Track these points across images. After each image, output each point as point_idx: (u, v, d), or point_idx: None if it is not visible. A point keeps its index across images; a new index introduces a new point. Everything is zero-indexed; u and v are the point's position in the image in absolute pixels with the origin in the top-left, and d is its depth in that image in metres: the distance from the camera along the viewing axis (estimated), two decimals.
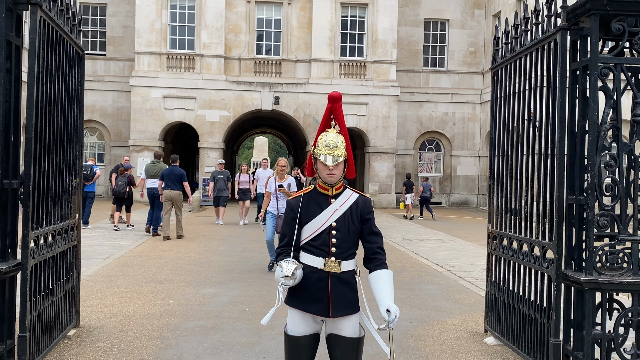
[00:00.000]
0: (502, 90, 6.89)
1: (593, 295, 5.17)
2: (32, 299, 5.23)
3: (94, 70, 31.47)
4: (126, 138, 30.77)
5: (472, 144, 33.64)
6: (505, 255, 6.57)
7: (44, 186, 5.56)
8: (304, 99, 29.88)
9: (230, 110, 29.67)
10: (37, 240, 5.35)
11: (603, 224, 5.20)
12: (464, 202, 33.84)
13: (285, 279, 3.65)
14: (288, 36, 30.27)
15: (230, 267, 11.53)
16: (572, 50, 5.48)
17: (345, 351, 3.86)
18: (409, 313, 8.08)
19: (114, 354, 6.00)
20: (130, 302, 8.27)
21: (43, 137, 5.48)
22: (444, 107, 33.46)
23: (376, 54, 30.22)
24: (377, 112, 30.21)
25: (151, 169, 17.07)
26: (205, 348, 6.31)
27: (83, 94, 6.81)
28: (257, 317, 7.44)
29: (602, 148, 5.18)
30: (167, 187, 15.64)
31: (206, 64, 29.55)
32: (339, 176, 3.92)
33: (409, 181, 25.93)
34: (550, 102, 5.61)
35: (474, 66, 33.51)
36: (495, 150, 7.02)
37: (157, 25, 29.22)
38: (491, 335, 6.91)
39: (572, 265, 5.41)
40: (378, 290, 3.77)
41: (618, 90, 5.23)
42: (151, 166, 17.24)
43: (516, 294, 6.27)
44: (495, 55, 7.06)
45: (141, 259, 12.20)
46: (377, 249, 3.93)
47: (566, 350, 5.43)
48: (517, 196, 6.39)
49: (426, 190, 25.59)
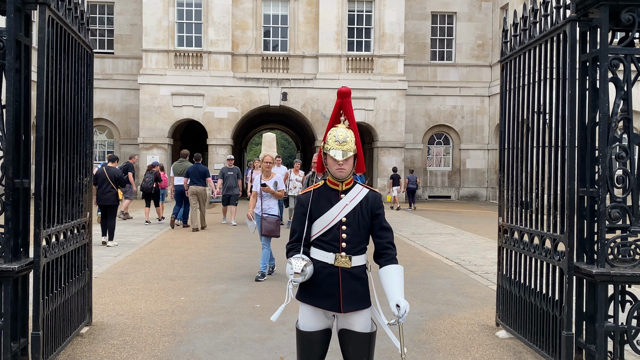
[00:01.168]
0: (511, 83, 6.86)
1: (605, 288, 5.15)
2: (45, 298, 5.27)
3: (103, 68, 31.55)
4: (135, 136, 30.85)
5: (480, 137, 33.53)
6: (517, 249, 6.55)
7: (55, 185, 5.58)
8: (311, 94, 29.86)
9: (238, 107, 29.69)
10: (48, 239, 5.38)
11: (615, 216, 5.17)
12: (474, 195, 33.75)
13: (294, 276, 3.66)
14: (295, 32, 30.24)
15: (241, 263, 11.56)
16: (581, 42, 5.45)
17: (357, 346, 3.86)
18: (419, 307, 8.07)
19: (126, 351, 6.03)
20: (142, 299, 8.31)
21: (53, 136, 5.50)
22: (452, 101, 33.35)
23: (383, 48, 30.14)
24: (385, 107, 30.16)
25: (178, 168, 18.14)
26: (218, 344, 6.33)
27: (92, 92, 6.83)
28: (268, 313, 7.45)
29: (613, 140, 5.15)
30: (192, 183, 16.94)
31: (214, 60, 29.57)
32: (349, 171, 3.92)
33: (396, 174, 27.00)
34: (560, 94, 5.58)
35: (482, 59, 33.37)
36: (505, 143, 7.00)
37: (164, 22, 29.26)
38: (503, 328, 6.90)
39: (584, 257, 5.39)
40: (388, 285, 3.77)
41: (628, 81, 5.19)
42: (178, 165, 18.27)
43: (528, 287, 6.25)
44: (503, 47, 7.03)
45: (152, 256, 12.24)
46: (387, 244, 3.92)
47: (579, 343, 5.41)
48: (528, 189, 6.37)
49: (412, 182, 26.98)
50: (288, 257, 3.85)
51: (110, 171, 13.89)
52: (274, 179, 10.18)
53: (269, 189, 9.97)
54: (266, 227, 9.87)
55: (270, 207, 10.02)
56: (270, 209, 10.01)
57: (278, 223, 9.91)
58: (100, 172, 13.81)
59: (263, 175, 10.26)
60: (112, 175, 13.86)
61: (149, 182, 18.70)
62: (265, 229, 9.87)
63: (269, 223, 9.84)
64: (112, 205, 13.82)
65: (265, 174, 10.26)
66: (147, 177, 18.89)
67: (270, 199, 10.07)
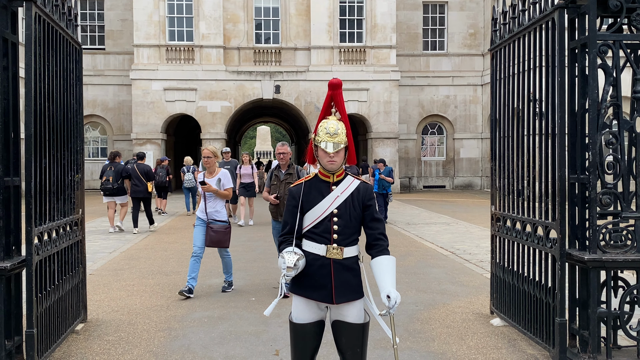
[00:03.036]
0: (501, 72, 6.86)
1: (597, 274, 5.18)
2: (38, 295, 5.25)
3: (94, 64, 31.45)
4: (128, 132, 30.79)
5: (474, 126, 33.57)
6: (509, 237, 6.57)
7: (45, 182, 5.57)
8: (304, 86, 29.83)
9: (231, 101, 29.64)
10: (40, 237, 5.36)
11: (606, 202, 5.20)
12: (468, 184, 33.81)
13: (287, 270, 3.66)
14: (287, 24, 30.16)
15: (236, 257, 11.51)
16: (570, 29, 5.45)
17: (350, 337, 3.87)
18: (414, 297, 8.10)
19: (122, 347, 6.03)
20: (137, 295, 8.31)
21: (43, 133, 5.48)
22: (445, 90, 33.36)
23: (375, 39, 30.09)
24: (378, 98, 30.14)
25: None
26: (213, 338, 6.34)
27: (82, 89, 6.81)
28: (263, 306, 7.46)
29: (603, 126, 5.17)
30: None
31: (205, 54, 29.49)
32: (340, 163, 3.91)
33: (364, 163, 26.75)
34: (549, 81, 5.58)
35: (474, 48, 33.36)
36: (497, 132, 7.01)
37: (155, 17, 29.15)
38: (497, 316, 6.93)
39: (576, 244, 5.42)
40: (379, 276, 3.77)
41: (617, 68, 5.21)
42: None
43: (521, 275, 6.27)
44: (493, 36, 7.03)
45: (147, 251, 12.23)
46: (379, 235, 3.92)
47: (572, 329, 5.44)
48: (520, 177, 6.38)
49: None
50: (280, 250, 3.86)
51: (140, 167, 15.73)
52: (217, 176, 8.57)
53: (209, 187, 8.34)
54: (212, 237, 8.27)
55: (217, 210, 8.42)
56: (217, 214, 8.40)
57: (228, 231, 8.38)
58: (132, 169, 15.65)
59: (206, 172, 8.72)
60: (142, 171, 15.78)
61: (162, 176, 19.74)
62: (210, 240, 8.28)
63: (215, 232, 8.27)
64: (145, 197, 15.99)
65: (209, 171, 8.69)
66: (160, 172, 19.79)
67: (215, 200, 8.46)
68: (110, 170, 15.32)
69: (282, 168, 8.61)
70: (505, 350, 5.93)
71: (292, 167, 8.60)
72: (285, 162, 8.57)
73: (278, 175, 8.57)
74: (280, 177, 8.54)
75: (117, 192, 15.32)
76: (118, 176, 15.22)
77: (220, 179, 8.53)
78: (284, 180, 8.46)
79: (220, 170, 8.64)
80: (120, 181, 15.29)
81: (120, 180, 15.29)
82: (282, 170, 8.59)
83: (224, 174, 8.58)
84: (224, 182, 8.53)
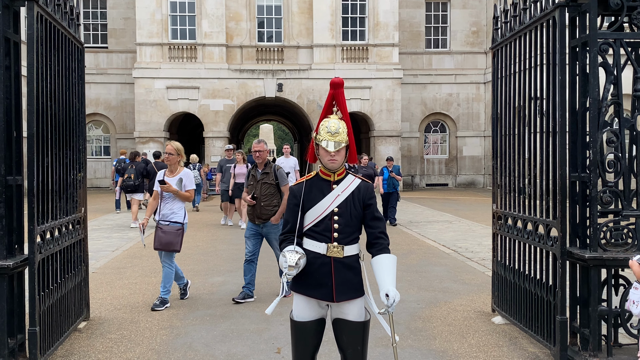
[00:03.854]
0: (503, 70, 6.87)
1: (598, 272, 5.19)
2: (41, 294, 5.28)
3: (97, 63, 31.48)
4: (131, 130, 30.81)
5: (477, 124, 33.53)
6: (510, 235, 6.58)
7: (48, 181, 5.59)
8: (307, 85, 29.82)
9: (234, 99, 29.65)
10: (43, 235, 5.39)
11: (606, 200, 5.20)
12: (471, 182, 33.79)
13: (289, 269, 3.68)
14: (289, 22, 30.15)
15: (238, 255, 11.55)
16: (571, 27, 5.46)
17: (351, 335, 3.89)
18: (416, 295, 8.11)
19: (124, 345, 6.06)
20: (140, 293, 8.33)
21: (45, 132, 5.50)
22: (448, 88, 33.32)
23: (378, 37, 30.06)
24: (380, 96, 30.11)
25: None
26: (215, 336, 6.36)
27: (84, 87, 6.84)
28: (265, 305, 7.47)
29: (604, 124, 5.18)
30: None
31: (208, 53, 29.50)
32: (341, 162, 3.93)
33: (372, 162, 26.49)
34: (550, 80, 5.59)
35: (476, 46, 33.31)
36: (498, 130, 7.01)
37: (157, 16, 29.16)
38: (499, 314, 6.94)
39: (577, 242, 5.43)
40: (379, 274, 3.79)
41: (618, 66, 5.21)
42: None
43: (522, 273, 6.28)
44: (494, 34, 7.03)
45: (150, 250, 12.18)
46: (379, 233, 3.94)
47: (573, 327, 5.45)
48: (521, 175, 6.39)
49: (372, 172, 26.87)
50: (281, 248, 3.87)
51: (158, 165, 16.34)
52: (179, 176, 7.77)
53: (169, 187, 7.59)
54: (160, 238, 7.50)
55: (173, 211, 7.68)
56: (173, 215, 7.68)
57: (179, 233, 7.58)
58: (151, 168, 16.56)
59: (167, 170, 7.91)
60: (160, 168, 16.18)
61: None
62: (159, 242, 7.50)
63: (165, 233, 7.50)
64: None
65: (170, 169, 7.88)
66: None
67: (174, 201, 7.71)
68: (131, 169, 16.49)
69: (258, 167, 8.07)
70: (506, 348, 5.94)
71: (269, 166, 8.03)
72: (262, 161, 8.03)
73: (255, 175, 8.06)
74: (257, 176, 8.00)
75: (138, 189, 16.51)
76: (139, 174, 16.39)
77: (182, 179, 7.72)
78: (260, 180, 7.94)
79: (183, 170, 7.85)
80: (141, 179, 16.44)
81: (141, 178, 16.44)
82: (258, 170, 8.05)
83: (186, 174, 7.78)
84: (185, 183, 7.73)
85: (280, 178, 7.95)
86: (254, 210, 7.93)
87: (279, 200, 7.94)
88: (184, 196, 7.67)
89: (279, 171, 8.01)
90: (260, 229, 8.01)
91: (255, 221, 7.95)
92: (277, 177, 7.94)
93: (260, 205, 7.85)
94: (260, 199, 7.85)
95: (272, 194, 7.90)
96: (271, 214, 7.88)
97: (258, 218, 7.91)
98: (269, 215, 7.88)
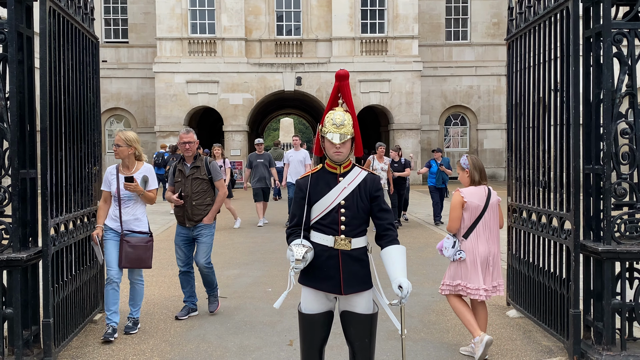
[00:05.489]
0: (517, 62, 6.80)
1: (612, 265, 5.13)
2: (55, 286, 5.35)
3: (118, 58, 31.73)
4: (152, 124, 31.02)
5: (498, 116, 33.22)
6: (525, 228, 6.53)
7: (62, 174, 5.65)
8: (325, 78, 29.75)
9: (253, 93, 29.71)
10: (57, 228, 5.45)
11: (620, 193, 5.13)
12: (492, 176, 33.49)
13: (296, 263, 3.67)
14: (308, 15, 30.10)
15: (255, 248, 11.63)
16: (585, 17, 5.38)
17: (359, 327, 3.89)
18: (430, 288, 8.08)
19: (138, 337, 6.12)
20: (156, 286, 8.40)
21: (59, 126, 5.56)
22: (469, 81, 33.04)
23: (397, 29, 29.90)
24: (400, 89, 29.97)
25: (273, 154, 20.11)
26: (228, 328, 6.40)
27: (99, 81, 6.89)
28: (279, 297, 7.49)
29: (618, 115, 5.11)
30: None
31: (227, 47, 29.57)
32: (346, 154, 3.91)
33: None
34: (564, 71, 5.52)
35: (497, 37, 32.95)
36: (513, 122, 6.95)
37: (177, 10, 29.29)
38: (513, 308, 6.89)
39: (591, 235, 5.37)
40: (390, 266, 3.77)
41: (633, 56, 5.13)
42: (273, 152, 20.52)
43: (536, 266, 6.23)
44: (509, 25, 6.96)
45: (167, 242, 12.33)
46: (387, 225, 3.92)
47: (586, 320, 5.40)
48: (535, 168, 6.33)
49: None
50: (288, 242, 3.87)
51: None
52: (141, 173, 6.29)
53: (137, 186, 6.15)
54: (128, 254, 6.16)
55: (137, 218, 6.29)
56: (137, 223, 6.30)
57: (149, 246, 6.32)
58: None
59: (121, 166, 6.36)
60: None
61: None
62: (127, 258, 6.17)
63: (133, 248, 6.17)
64: None
65: (123, 164, 6.33)
66: None
67: (136, 205, 6.29)
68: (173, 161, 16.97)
69: (187, 161, 6.95)
70: (519, 341, 5.90)
71: (200, 159, 6.95)
72: (191, 154, 6.89)
73: (182, 170, 6.91)
74: (186, 172, 6.88)
75: None
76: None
77: (146, 177, 6.30)
78: (190, 175, 6.84)
79: (143, 165, 6.37)
80: None
81: None
82: (187, 164, 6.93)
83: (149, 170, 6.39)
84: (149, 182, 6.35)
85: (214, 172, 6.95)
86: (183, 212, 6.83)
87: (212, 198, 6.96)
88: (149, 197, 6.33)
89: (212, 164, 7.01)
90: (191, 232, 6.89)
91: (186, 224, 6.85)
92: (210, 171, 6.93)
93: (191, 204, 6.79)
94: (191, 197, 6.80)
95: (205, 191, 6.87)
96: (204, 214, 6.86)
97: (189, 220, 6.83)
98: (203, 216, 6.84)
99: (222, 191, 7.01)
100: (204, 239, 6.88)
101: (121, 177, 6.20)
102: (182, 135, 6.88)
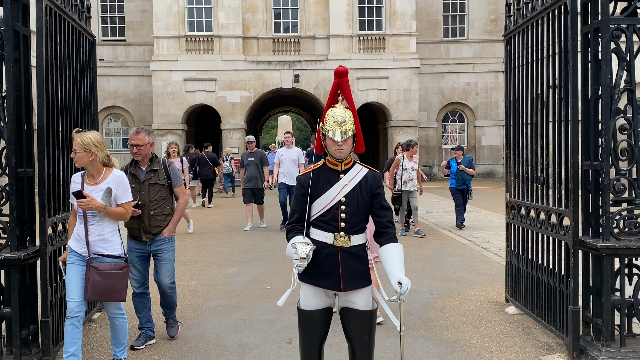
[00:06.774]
0: (515, 58, 6.79)
1: (611, 261, 5.12)
2: (53, 285, 5.34)
3: (115, 56, 31.69)
4: (149, 122, 30.96)
5: (495, 113, 33.22)
6: (524, 224, 6.53)
7: (60, 173, 5.63)
8: (323, 75, 29.72)
9: (251, 91, 29.68)
10: (55, 227, 5.44)
11: (619, 189, 5.13)
12: (490, 172, 33.54)
13: (300, 261, 3.65)
14: (305, 13, 30.07)
15: (254, 246, 11.62)
16: (583, 13, 5.37)
17: (358, 324, 3.89)
18: (430, 285, 8.08)
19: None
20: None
21: (55, 124, 5.54)
22: (466, 78, 33.04)
23: (395, 26, 29.87)
24: (398, 86, 29.96)
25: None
26: (227, 326, 6.39)
27: (96, 80, 6.86)
28: (278, 295, 7.46)
29: (616, 112, 5.10)
30: None
31: (225, 45, 29.54)
32: (348, 151, 3.90)
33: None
34: (562, 67, 5.51)
35: (495, 34, 32.91)
36: (510, 118, 6.94)
37: (174, 8, 29.24)
38: (512, 304, 6.89)
39: (589, 231, 5.36)
40: (389, 263, 3.77)
41: (631, 52, 5.12)
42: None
43: (535, 263, 6.23)
44: (507, 22, 6.95)
45: None
46: (387, 222, 3.91)
47: (586, 317, 5.40)
48: (533, 164, 6.32)
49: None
50: (289, 238, 3.85)
51: (208, 155, 20.14)
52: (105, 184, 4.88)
53: (91, 202, 4.71)
54: (96, 284, 4.76)
55: (104, 239, 4.88)
56: (104, 245, 4.90)
57: (124, 273, 4.92)
58: (201, 156, 20.04)
59: (86, 175, 4.92)
60: (210, 158, 20.20)
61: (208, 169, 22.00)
62: (95, 289, 4.78)
63: (102, 276, 4.79)
64: (211, 179, 20.34)
65: (89, 173, 4.92)
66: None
67: (102, 222, 4.86)
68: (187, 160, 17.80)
69: (140, 164, 5.84)
70: (519, 338, 5.90)
71: (157, 162, 5.88)
72: (144, 156, 5.81)
73: (136, 175, 5.79)
74: (140, 177, 5.78)
75: (193, 176, 19.29)
76: (193, 164, 19.21)
77: (112, 188, 4.89)
78: (145, 181, 5.76)
79: (112, 173, 4.94)
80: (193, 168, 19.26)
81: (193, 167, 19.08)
82: (141, 167, 5.83)
83: (118, 179, 4.95)
84: (117, 194, 4.93)
85: (174, 176, 5.93)
86: (139, 223, 5.74)
87: (172, 206, 5.96)
88: (117, 213, 4.92)
89: (172, 167, 5.99)
90: (148, 247, 5.85)
91: (142, 237, 5.77)
92: (170, 175, 5.91)
93: (148, 215, 5.73)
94: (149, 206, 5.73)
95: (165, 199, 5.84)
96: (164, 226, 5.84)
97: (146, 233, 5.77)
98: (162, 228, 5.82)
99: (182, 199, 6.03)
100: (165, 255, 5.91)
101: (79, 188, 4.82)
102: (132, 136, 5.76)
